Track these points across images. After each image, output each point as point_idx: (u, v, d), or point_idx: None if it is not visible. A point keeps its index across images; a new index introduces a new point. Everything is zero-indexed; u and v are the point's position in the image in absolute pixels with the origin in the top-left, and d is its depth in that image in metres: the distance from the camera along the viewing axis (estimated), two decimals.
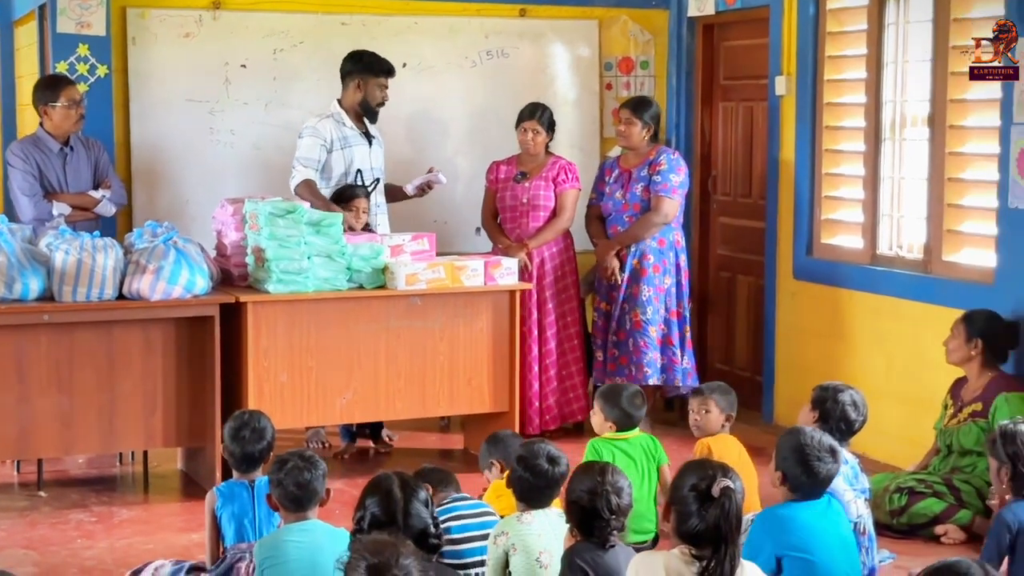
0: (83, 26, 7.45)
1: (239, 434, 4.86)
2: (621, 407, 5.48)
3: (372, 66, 7.27)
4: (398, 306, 6.57)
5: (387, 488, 4.03)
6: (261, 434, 4.88)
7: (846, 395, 5.14)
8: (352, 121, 7.27)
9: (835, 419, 5.11)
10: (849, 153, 7.29)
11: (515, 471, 4.49)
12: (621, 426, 5.48)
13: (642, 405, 5.55)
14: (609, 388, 5.69)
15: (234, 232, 6.57)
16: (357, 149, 7.25)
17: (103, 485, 6.57)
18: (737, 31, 8.31)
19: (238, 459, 4.87)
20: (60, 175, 6.93)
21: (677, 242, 7.50)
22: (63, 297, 6.03)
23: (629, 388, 5.61)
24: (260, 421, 4.91)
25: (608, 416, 5.49)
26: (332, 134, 7.20)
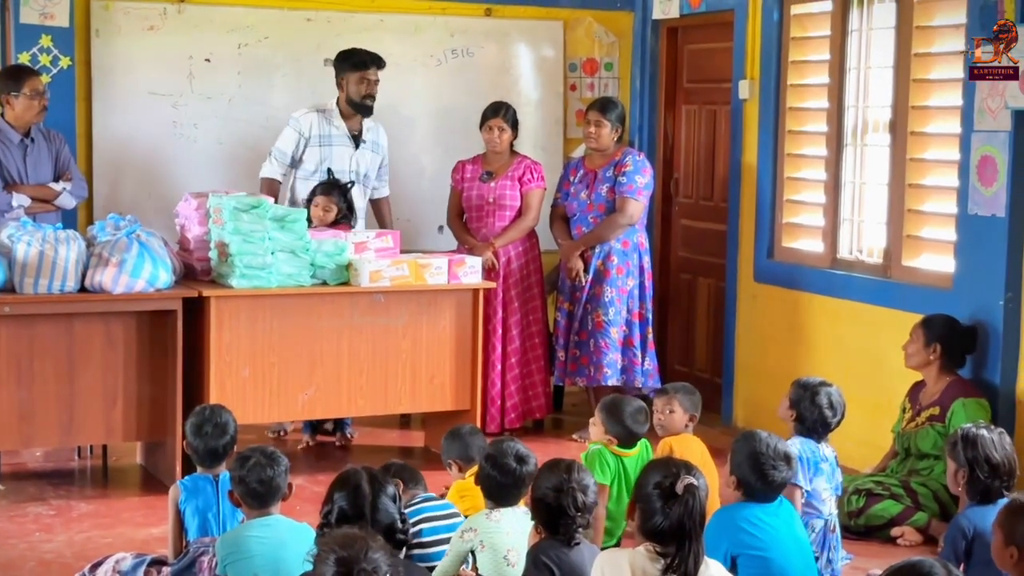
0: (46, 17, 7.41)
1: (201, 430, 4.86)
2: (624, 424, 5.36)
3: (347, 60, 7.30)
4: (361, 303, 6.57)
5: (356, 483, 4.03)
6: (224, 429, 4.87)
7: (822, 396, 5.20)
8: (343, 120, 7.27)
9: (811, 420, 5.18)
10: (811, 158, 7.35)
11: (483, 469, 4.52)
12: (622, 442, 5.39)
13: (645, 422, 5.43)
14: (612, 401, 5.50)
15: (198, 226, 6.55)
16: (337, 149, 7.24)
17: (61, 479, 6.53)
18: (701, 34, 8.35)
19: (201, 454, 4.86)
20: (20, 166, 6.87)
21: (641, 244, 7.53)
22: (24, 289, 5.99)
23: (632, 403, 5.47)
24: (222, 416, 4.91)
25: (610, 431, 5.38)
26: (313, 129, 7.22)
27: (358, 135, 7.35)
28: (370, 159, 7.39)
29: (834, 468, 5.24)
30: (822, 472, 5.14)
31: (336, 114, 7.30)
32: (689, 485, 3.59)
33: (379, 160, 7.46)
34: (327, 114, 7.30)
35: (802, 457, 5.04)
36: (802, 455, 5.05)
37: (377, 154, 7.44)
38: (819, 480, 5.13)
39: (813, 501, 5.13)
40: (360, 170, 7.33)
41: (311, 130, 7.23)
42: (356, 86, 7.26)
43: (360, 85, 7.26)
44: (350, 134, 7.32)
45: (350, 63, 7.29)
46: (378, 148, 7.44)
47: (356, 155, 7.32)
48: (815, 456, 5.15)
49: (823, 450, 5.22)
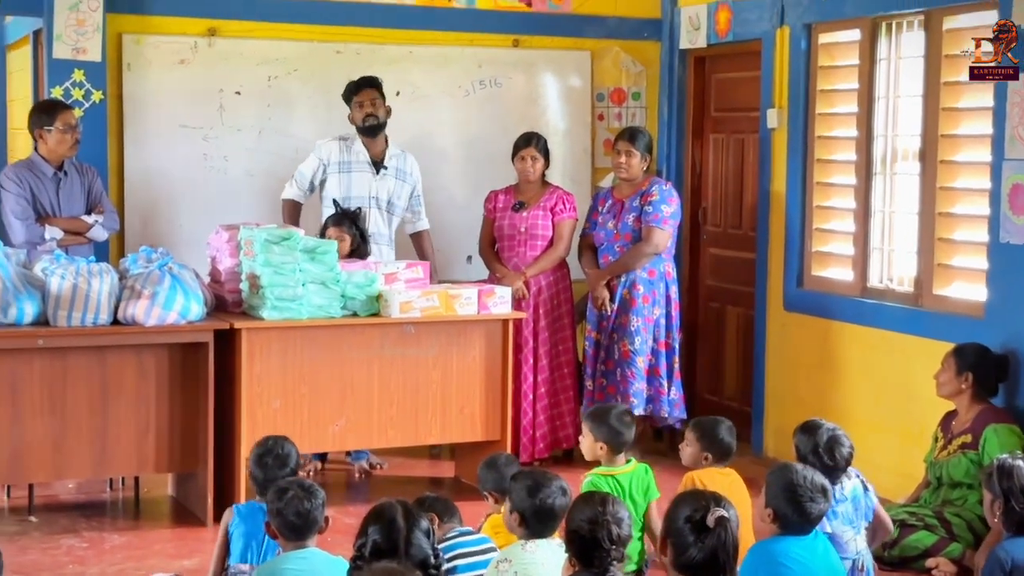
0: (79, 52, 7.46)
1: (263, 460, 4.88)
2: (609, 424, 5.33)
3: (344, 93, 7.42)
4: (391, 334, 6.59)
5: (390, 516, 4.02)
6: (285, 460, 4.89)
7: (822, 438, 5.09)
8: (366, 147, 7.34)
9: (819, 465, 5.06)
10: (840, 186, 7.34)
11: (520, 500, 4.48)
12: (612, 446, 5.35)
13: (631, 423, 5.41)
14: (596, 408, 5.57)
15: (229, 258, 6.58)
16: (356, 175, 7.29)
17: (94, 510, 6.56)
18: (728, 63, 8.36)
19: (260, 484, 4.87)
20: (53, 199, 6.93)
21: (668, 273, 7.53)
22: (58, 322, 6.03)
23: (617, 407, 5.54)
24: (284, 447, 4.93)
25: (598, 436, 5.34)
26: (333, 156, 7.30)
27: (380, 161, 7.38)
28: (393, 185, 7.42)
29: (857, 503, 5.15)
30: (838, 515, 5.06)
31: (357, 141, 7.37)
32: (720, 517, 3.57)
33: (408, 189, 7.49)
34: (348, 142, 7.38)
35: None
36: None
37: (404, 182, 7.47)
38: (836, 523, 5.05)
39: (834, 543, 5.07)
40: (380, 196, 7.37)
41: (331, 157, 7.31)
42: (356, 112, 7.35)
43: (358, 110, 7.34)
44: (371, 160, 7.36)
45: (346, 93, 7.41)
46: (404, 176, 7.47)
47: (376, 181, 7.36)
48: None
49: (840, 490, 5.12)
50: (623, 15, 8.61)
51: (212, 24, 7.79)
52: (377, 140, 7.37)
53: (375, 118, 7.32)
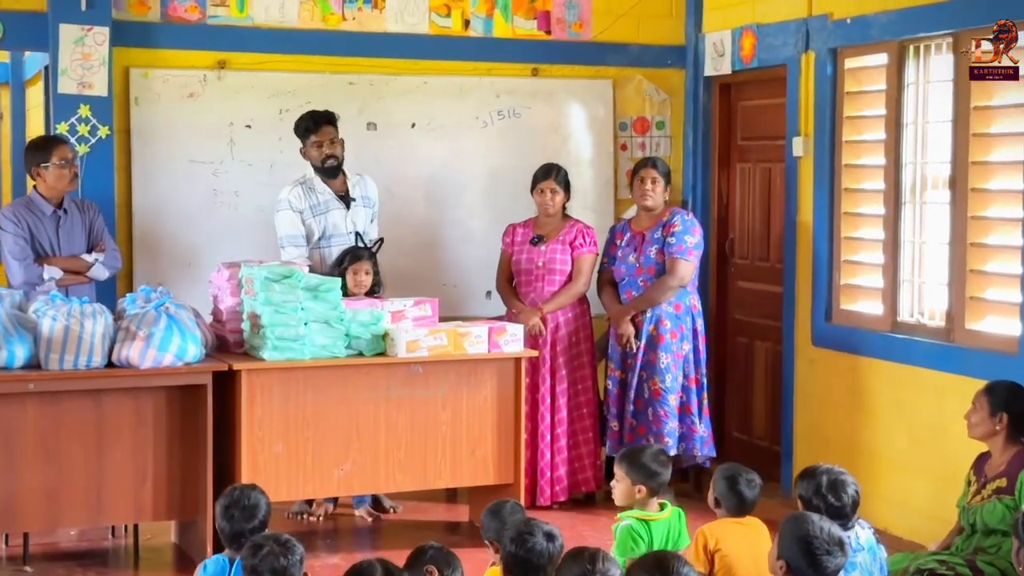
0: (84, 86, 7.30)
1: (228, 512, 4.64)
2: (646, 465, 5.09)
3: (297, 129, 7.15)
4: (398, 374, 6.35)
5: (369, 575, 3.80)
6: (252, 512, 4.64)
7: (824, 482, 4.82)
8: (327, 184, 7.08)
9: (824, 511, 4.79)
10: (869, 216, 7.05)
11: (507, 548, 4.27)
12: (650, 488, 5.09)
13: (667, 463, 5.18)
14: (629, 450, 5.28)
15: (230, 297, 6.38)
16: (333, 213, 7.07)
17: (92, 559, 6.34)
18: (754, 90, 8.10)
19: (227, 536, 4.64)
20: (53, 238, 6.75)
21: (694, 306, 7.26)
22: (50, 365, 5.83)
23: (651, 447, 5.29)
24: (251, 498, 4.68)
25: (635, 479, 5.09)
26: (302, 202, 7.04)
27: (345, 194, 7.14)
28: (364, 215, 7.19)
29: (874, 553, 4.88)
30: (856, 566, 4.77)
31: (316, 180, 7.10)
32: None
33: (371, 213, 7.25)
34: (308, 183, 7.10)
35: None
36: None
37: (370, 208, 7.23)
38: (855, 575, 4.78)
39: None
40: (359, 228, 7.12)
41: (301, 203, 7.04)
42: (314, 150, 7.07)
43: (316, 149, 7.07)
44: (337, 195, 7.11)
45: (301, 129, 7.11)
46: (368, 202, 7.23)
47: (350, 215, 7.12)
48: None
49: (854, 538, 4.84)
50: (646, 42, 8.37)
51: (221, 56, 7.61)
52: (337, 177, 7.13)
53: (335, 159, 7.07)
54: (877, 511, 6.89)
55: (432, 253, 8.01)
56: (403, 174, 7.91)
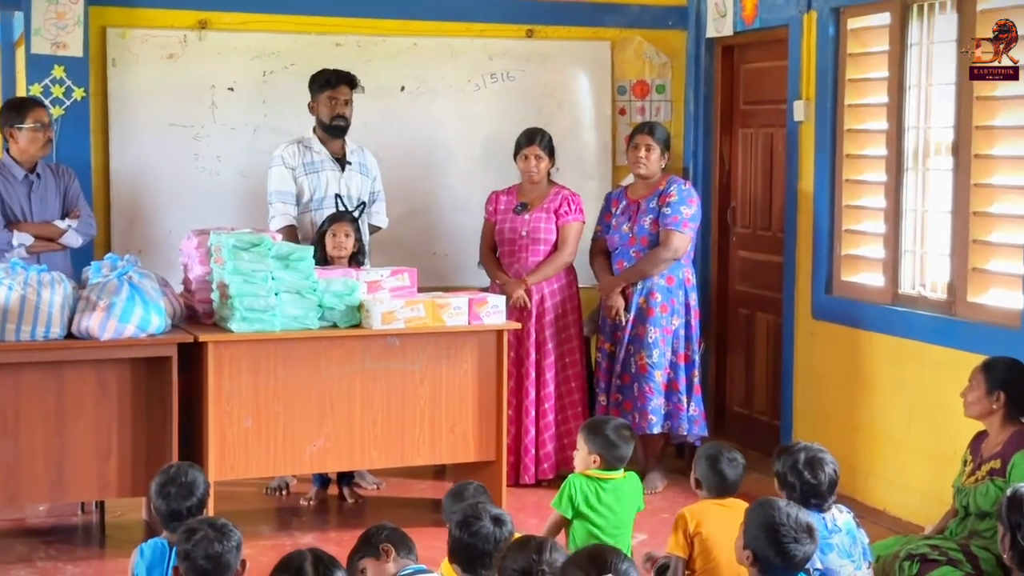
0: (59, 47, 7.08)
1: (164, 489, 4.40)
2: (605, 436, 4.94)
3: (316, 81, 6.91)
4: (374, 346, 6.09)
5: (298, 566, 3.56)
6: (189, 489, 4.41)
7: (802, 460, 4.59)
8: (324, 145, 6.84)
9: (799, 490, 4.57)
10: (871, 184, 6.74)
11: (456, 537, 4.04)
12: (607, 461, 4.94)
13: (630, 438, 5.01)
14: (593, 421, 5.15)
15: (199, 266, 6.14)
16: (323, 174, 6.82)
17: (57, 536, 6.14)
18: (757, 52, 7.80)
19: (164, 516, 4.41)
20: (24, 204, 6.52)
21: (687, 280, 6.98)
22: (6, 336, 5.60)
23: (615, 420, 5.09)
24: (188, 475, 4.44)
25: (591, 448, 4.95)
26: (297, 159, 6.81)
27: (342, 158, 6.90)
28: (360, 182, 6.94)
29: (853, 536, 4.63)
30: (832, 547, 4.52)
31: (314, 140, 6.89)
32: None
33: (368, 183, 7.00)
34: (305, 142, 6.89)
35: None
36: None
37: (366, 176, 6.98)
38: (831, 557, 4.51)
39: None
40: (351, 194, 6.89)
41: (295, 159, 6.83)
42: (325, 107, 6.85)
43: (329, 106, 6.84)
44: (333, 157, 6.88)
45: (318, 83, 6.89)
46: (366, 170, 7.00)
47: (344, 178, 6.88)
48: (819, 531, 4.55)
49: (831, 520, 4.61)
50: (645, 3, 8.08)
51: (203, 16, 7.37)
52: (337, 139, 6.89)
53: (343, 119, 6.85)
54: (876, 491, 6.64)
55: (422, 221, 7.76)
56: (392, 139, 7.64)
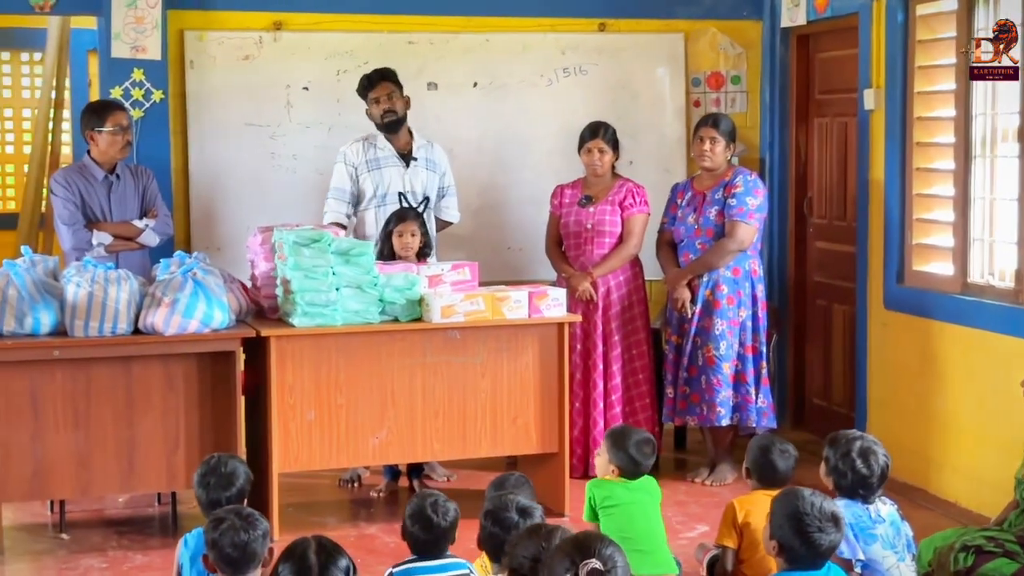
0: (138, 50, 7.25)
1: (205, 479, 4.53)
2: (627, 452, 5.07)
3: (359, 87, 6.99)
4: (435, 340, 6.16)
5: (301, 552, 3.60)
6: (229, 479, 4.53)
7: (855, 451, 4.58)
8: (390, 142, 6.92)
9: (849, 479, 4.57)
10: (941, 172, 6.65)
11: (484, 527, 4.11)
12: (626, 474, 5.08)
13: (651, 454, 5.13)
14: (617, 430, 5.26)
15: (264, 262, 6.26)
16: (387, 171, 6.90)
17: (131, 527, 6.29)
18: (831, 41, 7.72)
19: (204, 505, 4.53)
20: (104, 204, 6.70)
21: (753, 271, 6.94)
22: (75, 332, 5.78)
23: (639, 433, 5.17)
24: (229, 466, 4.56)
25: (612, 459, 5.09)
26: (359, 156, 6.91)
27: (407, 154, 6.96)
28: (425, 177, 7.00)
29: (897, 527, 4.60)
30: (876, 537, 4.50)
31: (380, 137, 6.97)
32: (592, 571, 3.07)
33: (437, 179, 7.06)
34: (371, 139, 6.97)
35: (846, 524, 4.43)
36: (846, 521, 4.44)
37: (433, 172, 7.04)
38: (875, 547, 4.48)
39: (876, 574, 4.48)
40: (415, 189, 6.95)
41: (358, 157, 6.92)
42: (374, 107, 6.92)
43: (375, 106, 6.91)
44: (398, 153, 6.95)
45: (360, 88, 6.97)
46: (433, 166, 7.05)
47: (408, 174, 6.95)
48: (863, 520, 4.52)
49: (875, 511, 4.58)
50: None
51: (277, 17, 7.49)
52: (400, 134, 6.96)
53: (394, 113, 6.91)
54: (949, 483, 6.55)
55: (496, 216, 7.81)
56: (465, 135, 7.71)
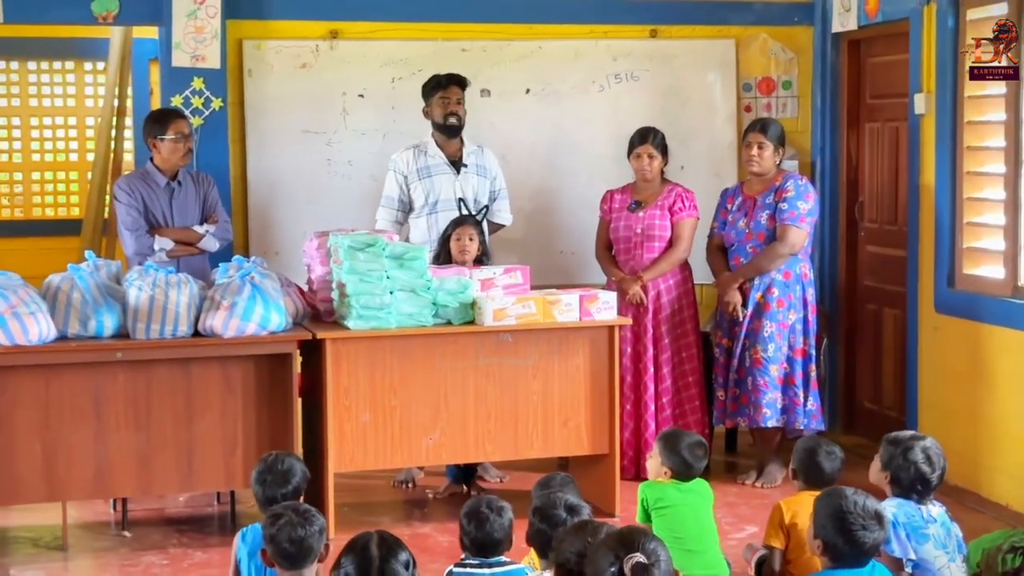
0: (198, 59, 7.39)
1: (262, 477, 4.67)
2: (680, 454, 5.15)
3: (426, 87, 7.11)
4: (487, 343, 6.26)
5: (363, 545, 3.71)
6: (286, 477, 4.66)
7: (917, 452, 4.64)
8: (441, 148, 7.02)
9: (908, 480, 4.63)
10: (992, 175, 6.67)
11: (532, 524, 4.21)
12: (678, 476, 5.15)
13: (703, 457, 5.20)
14: (670, 433, 5.34)
15: (320, 266, 6.39)
16: (437, 178, 7.00)
17: (191, 525, 6.44)
18: (882, 46, 7.76)
19: (261, 502, 4.66)
20: (166, 210, 6.84)
21: (804, 275, 6.99)
22: (137, 334, 5.92)
23: (691, 436, 5.25)
24: (285, 463, 4.69)
25: (665, 462, 5.17)
26: (410, 165, 7.02)
27: (458, 160, 7.06)
28: (476, 183, 7.10)
29: (948, 528, 4.65)
30: (928, 537, 4.55)
31: (431, 144, 7.07)
32: (637, 564, 3.14)
33: (488, 184, 7.15)
34: (422, 147, 7.08)
35: (896, 523, 4.49)
36: (896, 520, 4.50)
37: (484, 177, 7.13)
38: (926, 547, 4.53)
39: (926, 573, 4.53)
40: (466, 196, 7.05)
41: (408, 166, 7.03)
42: (438, 107, 7.02)
43: (441, 106, 7.00)
44: (449, 160, 7.05)
45: (430, 86, 7.08)
46: (484, 171, 7.14)
47: (459, 180, 7.04)
48: (915, 520, 4.57)
49: (927, 511, 4.63)
50: (770, 0, 8.08)
51: (334, 26, 7.63)
52: (453, 140, 7.06)
53: (456, 118, 7.02)
54: (999, 486, 6.57)
55: (548, 220, 7.91)
56: (518, 140, 7.81)
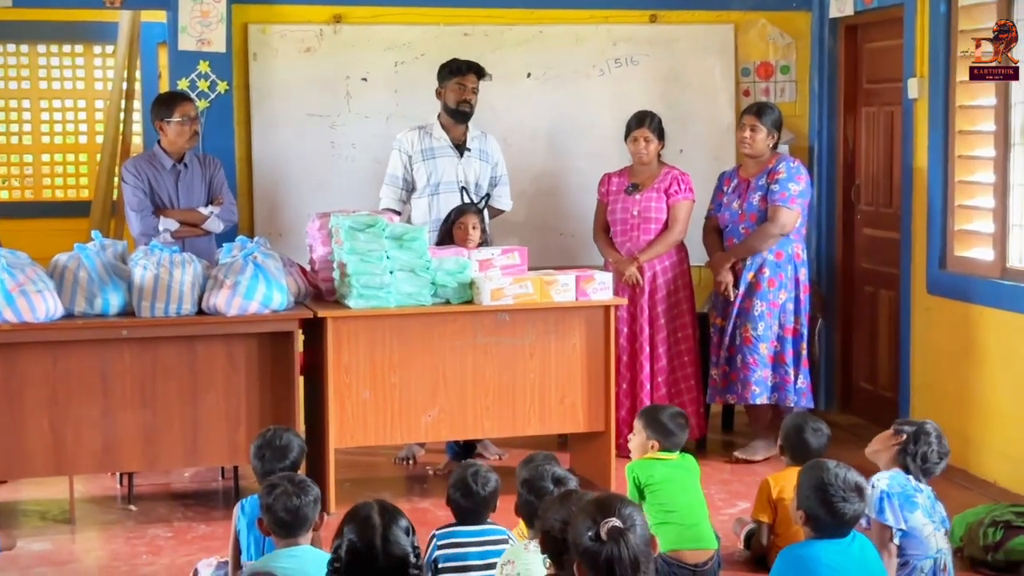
0: (204, 43, 7.52)
1: (260, 451, 4.81)
2: (663, 423, 5.25)
3: (446, 68, 7.19)
4: (485, 322, 6.39)
5: (365, 514, 3.83)
6: (283, 452, 4.80)
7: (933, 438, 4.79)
8: (446, 131, 7.14)
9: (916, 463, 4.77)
10: (982, 159, 6.79)
11: (521, 495, 4.33)
12: (664, 446, 5.26)
13: (685, 425, 5.31)
14: (649, 408, 5.53)
15: (322, 247, 6.52)
16: (441, 160, 7.12)
17: (196, 499, 6.58)
18: (879, 31, 7.86)
19: (260, 476, 4.79)
20: (172, 192, 6.97)
21: (796, 255, 7.11)
22: (142, 312, 6.06)
23: (671, 408, 5.40)
24: (283, 439, 4.82)
25: (650, 435, 5.27)
26: (415, 145, 7.13)
27: (462, 144, 7.18)
28: (478, 168, 7.21)
29: (933, 501, 4.77)
30: (917, 505, 4.68)
31: (436, 127, 7.18)
32: (612, 528, 3.25)
33: (488, 169, 7.27)
34: (427, 128, 7.19)
35: (890, 493, 4.62)
36: (890, 491, 4.63)
37: (486, 163, 7.25)
38: (916, 515, 4.66)
39: (913, 540, 4.66)
40: (468, 179, 7.17)
41: (413, 146, 7.14)
42: (453, 92, 7.11)
43: (456, 91, 7.11)
44: (453, 144, 7.17)
45: (448, 70, 7.17)
46: (486, 156, 7.25)
47: (462, 164, 7.16)
48: (906, 489, 4.69)
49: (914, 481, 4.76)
50: None
51: (338, 11, 7.75)
52: (460, 125, 7.18)
53: (469, 105, 7.13)
54: (987, 463, 6.70)
55: (549, 203, 8.03)
56: (519, 124, 7.93)
